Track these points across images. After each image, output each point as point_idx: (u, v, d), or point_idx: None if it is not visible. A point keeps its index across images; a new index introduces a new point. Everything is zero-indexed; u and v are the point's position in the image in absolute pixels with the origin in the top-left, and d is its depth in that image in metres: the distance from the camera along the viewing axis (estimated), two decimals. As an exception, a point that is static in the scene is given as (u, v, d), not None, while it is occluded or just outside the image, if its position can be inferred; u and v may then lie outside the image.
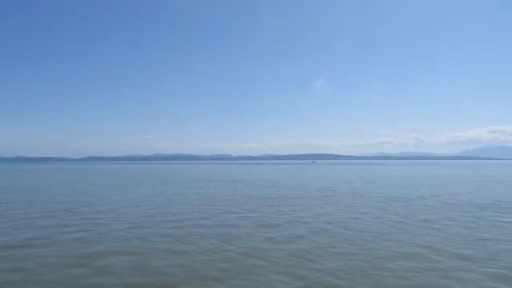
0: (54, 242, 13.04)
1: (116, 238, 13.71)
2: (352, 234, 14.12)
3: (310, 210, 20.79)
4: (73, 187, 39.00)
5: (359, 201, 24.91)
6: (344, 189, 33.62)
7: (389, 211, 19.99)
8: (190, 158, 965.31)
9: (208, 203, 23.94)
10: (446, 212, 19.63)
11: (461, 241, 12.76)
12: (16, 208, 22.33)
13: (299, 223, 16.44)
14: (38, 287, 8.73)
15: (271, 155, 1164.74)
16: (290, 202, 24.31)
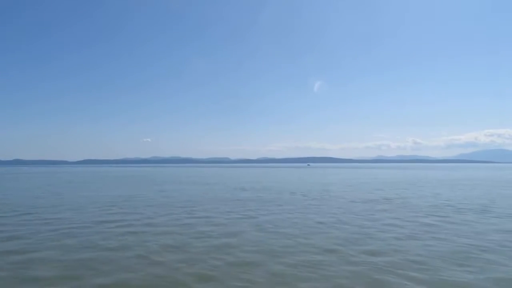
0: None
1: (23, 239, 13.88)
2: (263, 235, 14.36)
3: (253, 211, 20.97)
4: (47, 190, 39.10)
5: (314, 203, 25.21)
6: (315, 192, 33.70)
7: (327, 213, 20.18)
8: (188, 161, 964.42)
9: (162, 206, 24.07)
10: (384, 213, 19.85)
11: (353, 241, 13.10)
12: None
13: (226, 225, 16.57)
14: None
15: (269, 158, 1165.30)
16: (244, 204, 24.54)
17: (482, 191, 34.20)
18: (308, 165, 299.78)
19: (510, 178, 62.94)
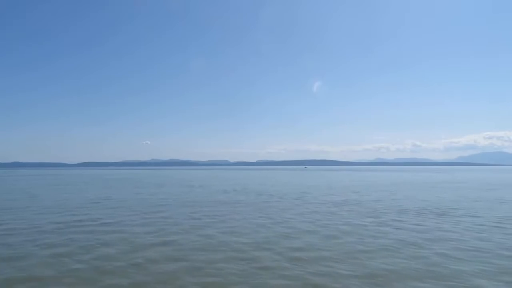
0: None
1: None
2: (185, 237, 14.65)
3: (206, 214, 21.23)
4: (27, 192, 39.54)
5: (277, 204, 25.70)
6: (292, 194, 34.07)
7: (276, 214, 20.59)
8: (187, 163, 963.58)
9: (123, 208, 24.28)
10: (330, 215, 20.22)
11: (265, 241, 13.58)
12: None
13: (160, 227, 16.71)
14: None
15: (268, 160, 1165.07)
16: (207, 207, 24.65)
17: (458, 193, 34.30)
18: (305, 167, 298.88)
19: (498, 180, 62.90)
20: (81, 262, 10.88)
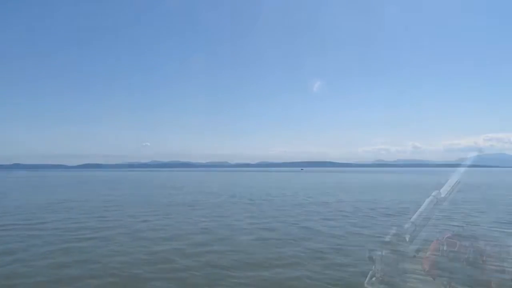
0: None
1: None
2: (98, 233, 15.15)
3: (135, 215, 21.35)
4: (4, 194, 39.46)
5: (220, 206, 25.72)
6: (259, 196, 33.86)
7: (207, 215, 20.68)
8: (187, 165, 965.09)
9: (76, 209, 24.53)
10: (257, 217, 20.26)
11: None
12: None
13: (84, 229, 17.08)
14: None
15: (268, 162, 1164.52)
16: (162, 208, 24.77)
17: (417, 196, 34.38)
18: (301, 169, 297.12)
19: (480, 182, 62.63)
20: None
